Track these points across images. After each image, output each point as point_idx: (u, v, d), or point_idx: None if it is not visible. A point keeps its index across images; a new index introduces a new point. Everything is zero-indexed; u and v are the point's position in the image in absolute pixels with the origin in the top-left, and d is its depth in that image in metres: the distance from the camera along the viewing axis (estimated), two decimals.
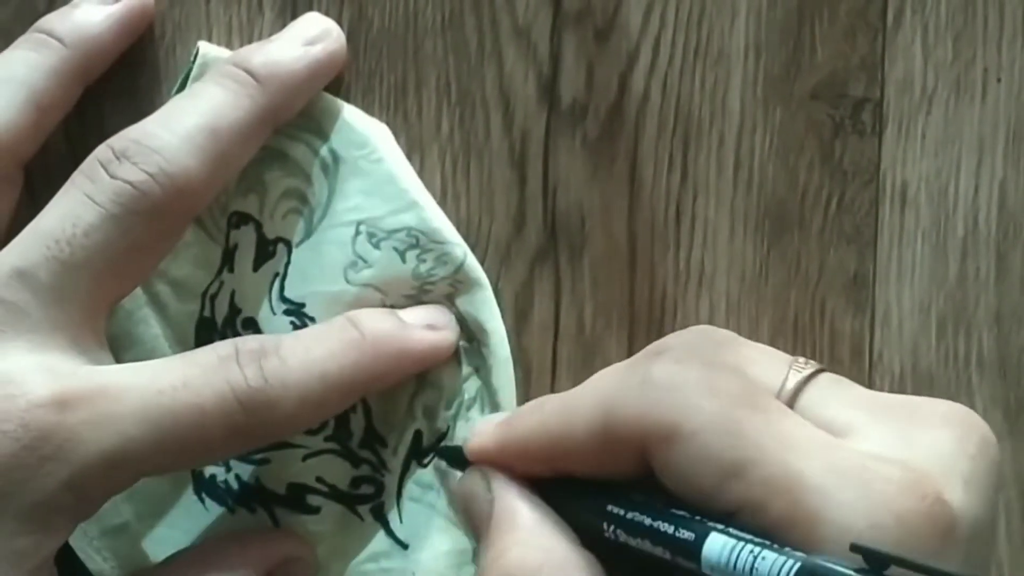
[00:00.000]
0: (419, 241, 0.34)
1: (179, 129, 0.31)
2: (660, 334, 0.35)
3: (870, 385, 0.35)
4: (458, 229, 0.35)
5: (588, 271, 0.35)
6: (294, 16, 0.35)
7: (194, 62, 0.35)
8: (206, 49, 0.35)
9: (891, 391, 0.35)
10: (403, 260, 0.34)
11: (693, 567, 0.25)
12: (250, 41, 0.35)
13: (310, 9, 0.35)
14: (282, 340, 0.31)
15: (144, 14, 0.34)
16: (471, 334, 0.35)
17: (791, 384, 0.28)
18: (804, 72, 0.35)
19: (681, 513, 0.26)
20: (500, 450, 0.30)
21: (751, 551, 0.24)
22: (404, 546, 0.35)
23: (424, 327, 0.33)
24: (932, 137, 0.35)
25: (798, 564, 0.24)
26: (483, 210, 0.35)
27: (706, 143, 0.35)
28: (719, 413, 0.26)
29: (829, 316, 0.35)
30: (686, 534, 0.25)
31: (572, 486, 0.29)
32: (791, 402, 0.28)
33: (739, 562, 0.24)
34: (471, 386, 0.35)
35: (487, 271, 0.35)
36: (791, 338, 0.35)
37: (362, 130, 0.35)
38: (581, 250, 0.35)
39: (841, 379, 0.29)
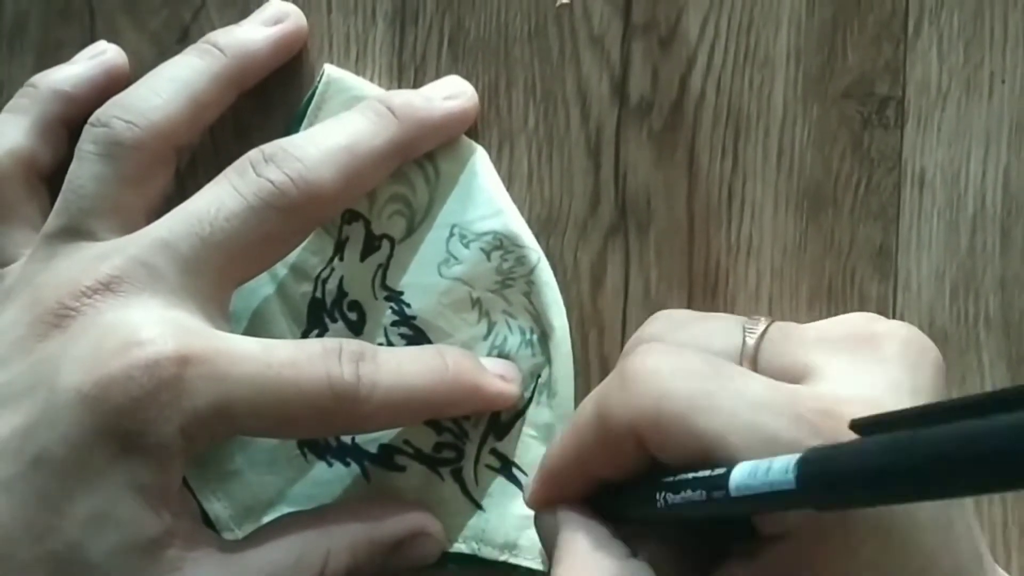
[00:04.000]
0: (503, 243, 0.35)
1: (322, 145, 0.32)
2: (715, 298, 0.36)
3: None
4: (542, 208, 0.36)
5: (653, 244, 0.37)
6: (403, 27, 0.36)
7: (320, 81, 0.36)
8: (331, 71, 0.36)
9: None
10: (488, 259, 0.35)
11: (724, 495, 0.25)
12: (365, 48, 0.37)
13: (417, 22, 0.37)
14: (381, 350, 0.32)
15: (299, 36, 0.36)
16: (542, 329, 0.36)
17: (750, 344, 0.29)
18: (837, 74, 0.36)
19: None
20: (543, 485, 0.30)
21: (766, 465, 0.24)
22: (478, 506, 0.36)
23: (498, 375, 0.34)
24: (946, 130, 0.36)
25: (798, 456, 0.23)
26: (564, 192, 0.37)
27: (754, 135, 0.36)
28: (693, 392, 0.26)
29: (858, 282, 0.36)
30: (718, 471, 0.25)
31: (613, 496, 0.29)
32: (753, 360, 0.29)
33: (758, 475, 0.24)
34: (544, 373, 0.36)
35: (567, 244, 0.36)
36: (826, 301, 0.36)
37: (461, 146, 0.36)
38: (647, 226, 0.37)
39: (788, 325, 0.30)
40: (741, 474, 0.25)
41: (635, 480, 0.28)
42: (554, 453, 0.30)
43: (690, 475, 0.26)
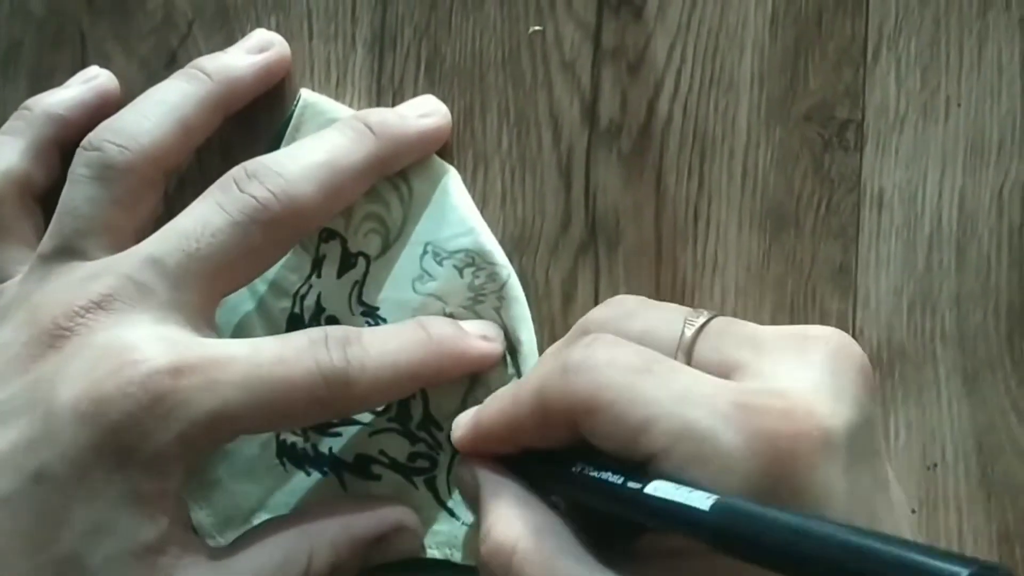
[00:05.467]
0: (474, 260, 0.36)
1: (302, 161, 0.33)
2: None
3: None
4: (515, 227, 0.37)
5: (622, 261, 0.37)
6: (382, 53, 0.37)
7: (296, 104, 0.37)
8: (307, 95, 0.37)
9: (870, 360, 0.34)
10: (461, 275, 0.36)
11: (638, 490, 0.27)
12: (345, 73, 0.38)
13: (395, 48, 0.37)
14: (363, 331, 0.33)
15: (282, 64, 0.37)
16: (511, 343, 0.36)
17: (688, 336, 0.30)
18: (799, 98, 0.37)
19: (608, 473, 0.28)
20: (473, 438, 0.32)
21: (687, 489, 0.26)
22: (451, 513, 0.36)
23: (480, 336, 0.35)
24: (904, 152, 0.37)
25: (719, 497, 0.25)
26: (536, 211, 0.37)
27: (719, 156, 0.37)
28: (623, 384, 0.28)
29: (819, 299, 0.37)
30: (617, 480, 0.28)
31: (536, 458, 0.31)
32: (689, 351, 0.30)
33: (677, 491, 0.26)
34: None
35: (539, 261, 0.37)
36: (788, 317, 0.37)
37: (434, 167, 0.37)
38: (616, 244, 0.37)
39: (732, 321, 0.31)
40: (662, 484, 0.26)
41: (558, 451, 0.30)
42: (489, 416, 0.32)
43: (612, 465, 0.28)
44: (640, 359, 0.28)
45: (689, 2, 0.37)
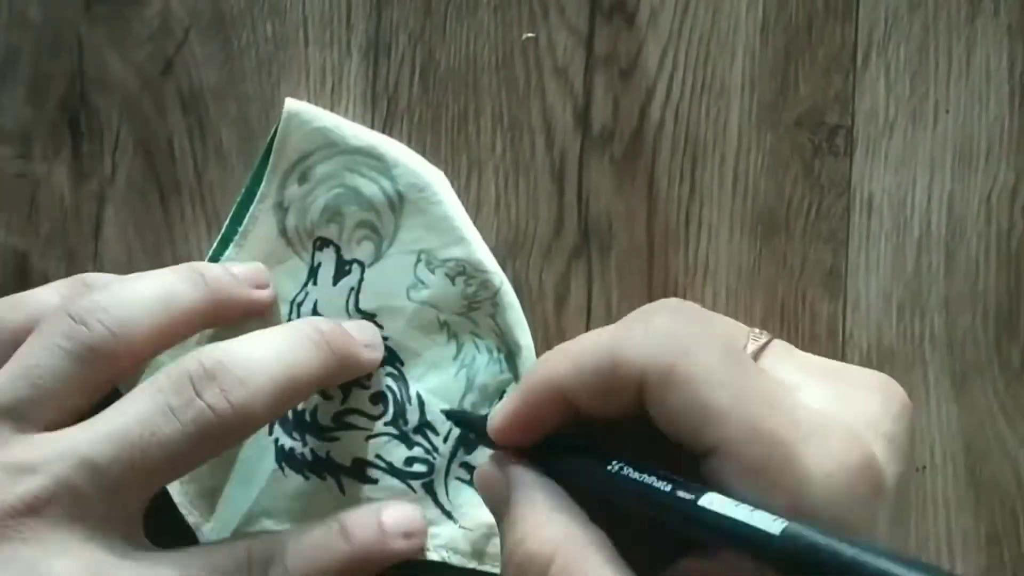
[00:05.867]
0: (465, 270, 0.36)
1: (266, 368, 0.32)
2: None
3: (842, 358, 0.37)
4: (509, 231, 0.37)
5: (615, 265, 0.38)
6: (376, 59, 0.38)
7: (281, 118, 0.37)
8: (291, 104, 0.37)
9: (859, 364, 0.36)
10: (453, 284, 0.36)
11: (691, 501, 0.25)
12: (340, 79, 0.38)
13: (390, 54, 0.38)
14: (287, 548, 0.32)
15: (268, 304, 0.37)
16: (509, 347, 0.37)
17: (751, 351, 0.29)
18: (790, 104, 0.37)
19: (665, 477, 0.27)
20: (522, 402, 0.29)
21: (748, 508, 0.24)
22: (449, 516, 0.37)
23: (401, 535, 0.35)
24: (893, 157, 0.38)
25: (784, 523, 0.24)
26: (529, 216, 0.38)
27: (710, 162, 0.38)
28: (709, 362, 0.26)
29: (809, 302, 0.37)
30: (681, 493, 0.26)
31: (567, 447, 0.29)
32: None
33: (737, 508, 0.24)
34: (511, 389, 0.36)
35: (533, 265, 0.37)
36: (779, 320, 0.37)
37: (424, 175, 0.37)
38: (609, 248, 0.38)
39: (788, 346, 0.30)
40: (716, 497, 0.25)
41: (595, 444, 0.29)
42: (542, 369, 0.29)
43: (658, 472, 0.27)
44: (731, 346, 0.27)
45: (681, 9, 0.38)
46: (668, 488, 0.26)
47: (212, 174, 0.38)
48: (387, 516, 0.35)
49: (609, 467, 0.28)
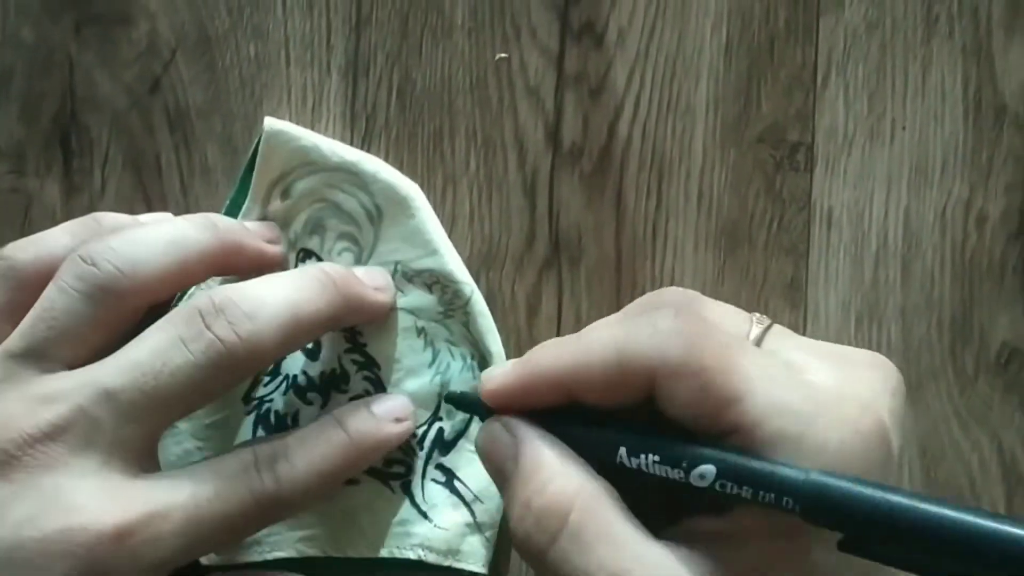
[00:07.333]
0: (439, 280, 0.37)
1: (272, 305, 0.33)
2: None
3: None
4: (483, 244, 0.38)
5: (584, 276, 0.38)
6: (355, 79, 0.38)
7: (261, 136, 0.37)
8: (271, 123, 0.37)
9: None
10: (430, 292, 0.37)
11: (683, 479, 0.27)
12: (320, 98, 0.39)
13: (368, 75, 0.38)
14: (288, 445, 0.33)
15: (279, 262, 0.37)
16: (481, 354, 0.37)
17: (754, 334, 0.30)
18: (752, 122, 0.38)
19: (675, 439, 0.28)
20: (520, 382, 0.30)
21: (757, 462, 0.26)
22: (425, 515, 0.37)
23: (393, 420, 0.36)
24: (852, 173, 0.38)
25: (810, 474, 0.26)
26: (502, 229, 0.38)
27: (676, 177, 0.38)
28: (717, 354, 0.27)
29: (772, 312, 0.38)
30: (687, 451, 0.27)
31: (580, 421, 0.29)
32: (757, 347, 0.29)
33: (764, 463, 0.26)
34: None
35: (506, 277, 0.38)
36: None
37: (400, 190, 0.37)
38: (579, 260, 0.38)
39: (787, 330, 0.31)
40: (733, 456, 0.27)
41: (599, 420, 0.29)
42: (547, 361, 0.30)
43: (652, 445, 0.28)
44: (734, 338, 0.28)
45: (648, 31, 0.39)
46: (690, 449, 0.27)
47: (198, 189, 0.39)
48: (377, 407, 0.36)
49: (625, 434, 0.28)
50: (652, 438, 0.28)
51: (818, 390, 0.27)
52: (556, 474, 0.28)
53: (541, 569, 0.28)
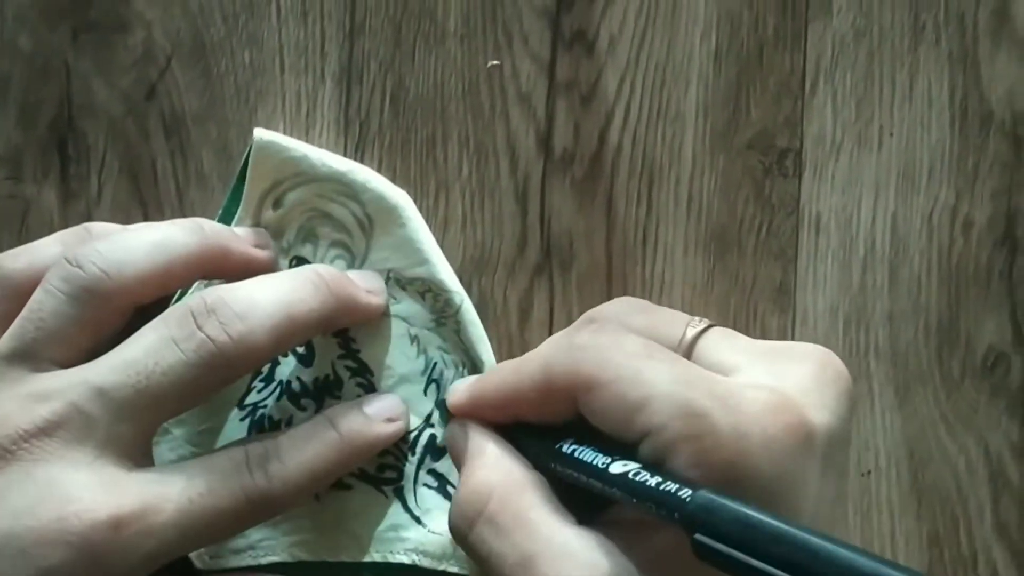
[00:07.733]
0: (431, 288, 0.37)
1: (264, 306, 0.33)
2: None
3: None
4: (475, 250, 0.38)
5: (575, 281, 0.39)
6: (349, 86, 0.39)
7: (250, 148, 0.37)
8: (260, 134, 0.37)
9: None
10: (423, 300, 0.37)
11: (601, 486, 0.29)
12: (314, 105, 0.39)
13: (362, 82, 0.38)
14: (280, 443, 0.34)
15: (269, 265, 0.37)
16: (472, 362, 0.37)
17: (688, 337, 0.32)
18: (741, 128, 0.38)
19: (596, 453, 0.29)
20: (471, 402, 0.33)
21: (651, 476, 0.27)
22: (418, 520, 0.38)
23: (384, 420, 0.36)
24: (840, 179, 0.39)
25: (691, 492, 0.26)
26: (494, 235, 0.39)
27: (666, 183, 0.38)
28: (626, 365, 0.29)
29: (760, 317, 0.38)
30: (601, 462, 0.29)
31: (526, 431, 0.32)
32: (688, 351, 0.31)
33: (640, 481, 0.28)
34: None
35: (498, 282, 0.38)
36: None
37: (390, 198, 0.37)
38: (570, 265, 0.39)
39: (729, 331, 0.32)
40: (644, 472, 0.28)
41: (547, 428, 0.31)
42: (492, 384, 0.33)
43: (578, 457, 0.30)
44: (643, 346, 0.30)
45: (638, 38, 0.39)
46: (606, 462, 0.29)
47: (193, 195, 0.39)
48: (369, 407, 0.36)
49: (559, 446, 0.31)
50: (569, 455, 0.30)
51: (724, 388, 0.28)
52: (484, 466, 0.31)
53: (468, 553, 0.30)
